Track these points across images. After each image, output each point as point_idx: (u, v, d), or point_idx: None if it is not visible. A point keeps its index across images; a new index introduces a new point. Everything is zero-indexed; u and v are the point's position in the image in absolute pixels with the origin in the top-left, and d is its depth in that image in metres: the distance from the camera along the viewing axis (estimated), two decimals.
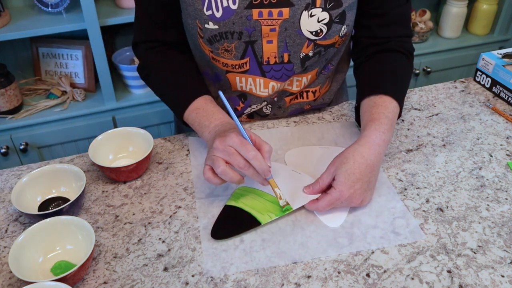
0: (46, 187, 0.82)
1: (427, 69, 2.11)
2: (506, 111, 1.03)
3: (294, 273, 0.69)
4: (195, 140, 0.96)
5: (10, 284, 0.69)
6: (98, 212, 0.80)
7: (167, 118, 1.86)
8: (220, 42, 0.86)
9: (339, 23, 0.86)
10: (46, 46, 1.80)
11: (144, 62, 0.96)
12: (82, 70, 1.82)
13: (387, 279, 0.68)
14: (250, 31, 0.84)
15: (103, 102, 1.78)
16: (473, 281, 0.67)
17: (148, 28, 0.93)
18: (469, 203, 0.80)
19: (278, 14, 0.83)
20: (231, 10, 0.82)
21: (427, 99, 1.08)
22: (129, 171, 0.84)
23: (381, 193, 0.82)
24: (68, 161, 0.92)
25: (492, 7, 2.14)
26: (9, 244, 0.75)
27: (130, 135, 0.90)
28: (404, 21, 0.93)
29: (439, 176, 0.86)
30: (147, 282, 0.68)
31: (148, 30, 0.93)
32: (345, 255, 0.71)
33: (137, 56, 0.97)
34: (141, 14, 0.92)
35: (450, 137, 0.96)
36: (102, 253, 0.73)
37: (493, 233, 0.75)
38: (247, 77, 0.92)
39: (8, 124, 1.68)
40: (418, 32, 2.10)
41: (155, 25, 0.91)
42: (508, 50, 1.14)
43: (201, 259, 0.71)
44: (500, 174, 0.86)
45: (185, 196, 0.83)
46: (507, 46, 2.25)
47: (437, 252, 0.71)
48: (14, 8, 1.74)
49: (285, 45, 0.87)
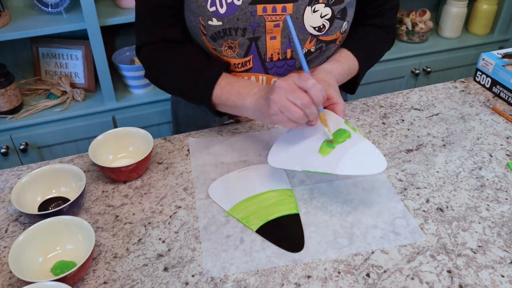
0: (46, 187, 0.82)
1: (427, 69, 2.11)
2: (506, 111, 1.03)
3: (294, 273, 0.69)
4: (195, 140, 0.96)
5: (10, 284, 0.69)
6: (98, 212, 0.80)
7: (167, 118, 1.86)
8: (223, 39, 0.86)
9: (341, 19, 0.87)
10: (46, 46, 1.80)
11: (151, 65, 0.94)
12: (82, 70, 1.82)
13: (387, 279, 0.68)
14: (254, 27, 0.85)
15: (103, 102, 1.77)
16: (473, 281, 0.67)
17: (152, 29, 0.91)
18: (469, 203, 0.80)
19: (282, 10, 0.84)
20: (235, 6, 0.82)
21: (427, 99, 1.08)
22: (129, 171, 0.84)
23: (381, 193, 0.82)
24: (68, 161, 0.92)
25: (492, 7, 2.14)
26: (9, 244, 0.75)
27: (130, 135, 0.90)
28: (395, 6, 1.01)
29: (439, 176, 0.86)
30: (147, 282, 0.68)
31: (152, 31, 0.91)
32: (345, 255, 0.71)
33: (142, 60, 0.95)
34: (143, 14, 0.91)
35: (450, 137, 0.96)
36: (102, 253, 0.73)
37: (493, 233, 0.75)
38: (250, 75, 0.92)
39: (8, 124, 1.68)
40: (418, 32, 2.10)
41: (159, 25, 0.90)
42: (508, 50, 1.14)
43: (201, 259, 0.71)
44: (500, 174, 0.86)
45: (185, 196, 0.83)
46: (507, 46, 2.25)
47: (437, 252, 0.71)
48: (14, 8, 1.74)
49: (288, 41, 0.87)
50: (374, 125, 1.00)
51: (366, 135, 0.96)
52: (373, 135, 0.96)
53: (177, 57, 0.91)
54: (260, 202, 0.80)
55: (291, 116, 0.74)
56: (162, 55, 0.92)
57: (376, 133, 0.97)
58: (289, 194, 0.81)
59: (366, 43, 0.99)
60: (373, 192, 0.82)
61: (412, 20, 2.12)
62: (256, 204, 0.79)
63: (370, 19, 0.99)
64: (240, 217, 0.77)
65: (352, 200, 0.81)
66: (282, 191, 0.82)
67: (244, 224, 0.76)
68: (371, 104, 1.06)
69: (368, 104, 1.06)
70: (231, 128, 0.99)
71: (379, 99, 1.08)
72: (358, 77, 0.98)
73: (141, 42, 0.94)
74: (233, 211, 0.78)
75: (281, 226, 0.76)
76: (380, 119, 1.01)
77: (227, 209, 0.79)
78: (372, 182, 0.84)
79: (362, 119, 1.01)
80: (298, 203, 0.80)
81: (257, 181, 0.84)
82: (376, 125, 1.00)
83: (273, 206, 0.79)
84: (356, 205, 0.80)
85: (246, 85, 0.85)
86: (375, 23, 1.00)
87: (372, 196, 0.81)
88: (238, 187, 0.83)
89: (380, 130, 0.98)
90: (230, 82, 0.86)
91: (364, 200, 0.81)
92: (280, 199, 0.80)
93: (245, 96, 0.83)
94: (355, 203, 0.80)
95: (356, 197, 0.81)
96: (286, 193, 0.82)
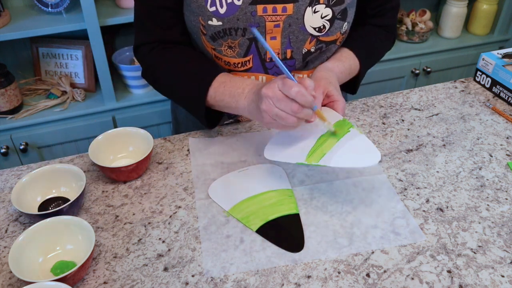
0: (46, 187, 0.82)
1: (427, 69, 2.11)
2: (506, 111, 1.03)
3: (294, 273, 0.69)
4: (195, 140, 0.96)
5: (10, 284, 0.69)
6: (98, 212, 0.80)
7: (167, 118, 1.86)
8: (223, 39, 0.86)
9: (341, 19, 0.87)
10: (46, 46, 1.80)
11: (148, 65, 0.93)
12: (82, 70, 1.82)
13: (387, 279, 0.68)
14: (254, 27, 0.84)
15: (103, 102, 1.77)
16: (473, 281, 0.67)
17: (150, 29, 0.91)
18: (469, 203, 0.80)
19: (282, 10, 0.84)
20: (235, 6, 0.82)
21: (427, 99, 1.08)
22: (129, 171, 0.84)
23: (381, 193, 0.82)
24: (68, 161, 0.92)
25: (492, 7, 2.14)
26: (9, 244, 0.75)
27: (130, 135, 0.90)
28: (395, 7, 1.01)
29: (439, 176, 0.86)
30: (147, 282, 0.68)
31: (150, 31, 0.91)
32: (345, 255, 0.71)
33: (140, 60, 0.94)
34: (142, 15, 0.91)
35: (450, 137, 0.96)
36: (102, 253, 0.73)
37: (493, 233, 0.75)
38: (250, 75, 0.92)
39: (8, 124, 1.68)
40: (418, 32, 2.10)
41: (157, 25, 0.90)
42: (508, 50, 1.14)
43: (201, 259, 0.71)
44: (500, 174, 0.86)
45: (185, 196, 0.83)
46: (507, 46, 2.25)
47: (437, 252, 0.71)
48: (14, 8, 1.74)
49: (288, 41, 0.87)
50: (374, 125, 1.00)
51: (366, 135, 0.96)
52: (373, 135, 0.96)
53: (172, 60, 0.91)
54: (260, 202, 0.80)
55: (285, 123, 0.73)
56: (159, 57, 0.91)
57: (376, 133, 0.97)
58: (289, 194, 0.81)
59: (367, 43, 0.99)
60: (373, 192, 0.82)
61: (412, 20, 2.12)
62: (256, 204, 0.79)
63: (371, 19, 0.99)
64: (240, 217, 0.77)
65: (352, 200, 0.81)
66: (282, 191, 0.82)
67: (244, 224, 0.76)
68: (371, 104, 1.06)
69: (368, 104, 1.06)
70: (231, 128, 0.99)
71: (379, 99, 1.08)
72: (359, 76, 0.98)
73: (139, 42, 0.93)
74: (233, 211, 0.78)
75: (281, 226, 0.76)
76: (380, 119, 1.01)
77: (227, 209, 0.79)
78: (372, 182, 0.84)
79: (362, 119, 1.01)
80: (298, 203, 0.80)
81: (257, 181, 0.84)
82: (376, 125, 1.00)
83: (273, 206, 0.79)
84: (356, 205, 0.80)
85: (238, 84, 0.84)
86: (375, 23, 1.00)
87: (372, 196, 0.81)
88: (238, 187, 0.83)
89: (380, 130, 0.98)
90: (223, 82, 0.85)
91: (364, 200, 0.81)
92: (280, 199, 0.80)
93: (237, 98, 0.82)
94: (355, 203, 0.80)
95: (356, 197, 0.81)
96: (286, 193, 0.82)
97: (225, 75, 0.87)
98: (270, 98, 0.73)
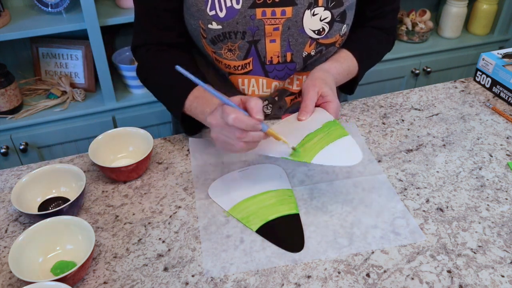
0: (46, 187, 0.82)
1: (427, 69, 2.11)
2: (506, 111, 1.03)
3: (294, 273, 0.69)
4: (195, 141, 0.96)
5: (10, 284, 0.69)
6: (98, 212, 0.80)
7: (166, 118, 1.86)
8: (223, 42, 0.86)
9: (340, 22, 0.87)
10: (46, 46, 1.80)
11: (142, 65, 0.95)
12: (82, 70, 1.82)
13: (387, 279, 0.68)
14: (254, 31, 0.85)
15: (103, 102, 1.77)
16: (473, 281, 0.67)
17: (148, 30, 0.91)
18: (469, 203, 0.80)
19: (281, 13, 0.84)
20: (234, 9, 0.82)
21: (427, 99, 1.08)
22: (129, 171, 0.84)
23: (381, 193, 0.82)
24: (68, 161, 0.92)
25: (492, 7, 2.14)
26: (9, 244, 0.75)
27: (130, 135, 0.90)
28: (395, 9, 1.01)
29: (439, 176, 0.86)
30: (147, 282, 0.68)
31: (148, 32, 0.92)
32: (345, 255, 0.71)
33: (137, 60, 0.95)
34: (141, 16, 0.91)
35: (450, 137, 0.96)
36: (102, 253, 0.73)
37: (493, 233, 0.75)
38: (250, 78, 0.92)
39: (8, 124, 1.68)
40: (418, 32, 2.10)
41: (156, 27, 0.90)
42: (508, 50, 1.14)
43: (201, 259, 0.71)
44: (500, 174, 0.86)
45: (185, 196, 0.83)
46: (507, 46, 2.25)
47: (437, 252, 0.71)
48: (14, 8, 1.74)
49: (288, 44, 0.87)
50: (374, 125, 1.00)
51: (366, 135, 0.96)
52: (373, 135, 0.96)
53: (161, 64, 0.91)
54: (260, 202, 0.80)
55: (235, 149, 0.73)
56: (153, 58, 0.92)
57: (376, 133, 0.97)
58: (289, 194, 0.81)
59: (366, 44, 0.99)
60: (373, 192, 0.82)
61: (412, 20, 2.12)
62: (256, 204, 0.79)
63: (370, 21, 0.99)
64: (240, 217, 0.77)
65: (352, 200, 0.81)
66: (282, 191, 0.82)
67: (244, 224, 0.76)
68: (371, 104, 1.06)
69: (368, 104, 1.06)
70: None
71: (379, 99, 1.08)
72: (357, 78, 0.98)
73: (136, 43, 0.94)
74: (233, 211, 0.78)
75: (281, 226, 0.76)
76: (380, 119, 1.01)
77: (227, 209, 0.79)
78: (372, 182, 0.84)
79: (362, 119, 1.01)
80: (298, 203, 0.80)
81: (257, 181, 0.84)
82: (376, 125, 1.00)
83: (273, 206, 0.79)
84: (356, 205, 0.80)
85: (206, 103, 0.82)
86: (375, 25, 1.00)
87: (372, 196, 0.81)
88: (238, 187, 0.83)
89: (380, 130, 0.98)
90: (198, 97, 0.84)
91: (364, 200, 0.81)
92: (280, 199, 0.80)
93: (206, 117, 0.80)
94: (355, 203, 0.80)
95: (356, 197, 0.81)
96: (286, 193, 0.82)
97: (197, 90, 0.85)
98: (214, 126, 0.73)
